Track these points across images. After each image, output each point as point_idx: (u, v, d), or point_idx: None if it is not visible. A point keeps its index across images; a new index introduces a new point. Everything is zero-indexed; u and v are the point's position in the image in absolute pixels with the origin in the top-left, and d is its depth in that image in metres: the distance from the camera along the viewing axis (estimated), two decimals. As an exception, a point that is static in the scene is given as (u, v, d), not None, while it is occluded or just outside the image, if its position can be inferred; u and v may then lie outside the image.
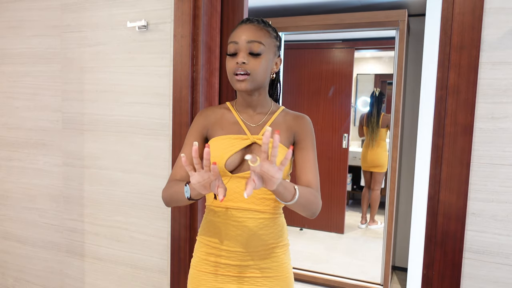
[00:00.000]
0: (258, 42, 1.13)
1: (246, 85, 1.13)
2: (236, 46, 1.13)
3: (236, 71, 1.12)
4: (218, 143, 1.16)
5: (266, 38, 1.15)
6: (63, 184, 1.91)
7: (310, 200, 1.10)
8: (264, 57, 1.14)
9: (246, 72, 1.12)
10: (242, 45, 1.13)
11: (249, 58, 1.12)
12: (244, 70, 1.11)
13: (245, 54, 1.12)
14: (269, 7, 3.12)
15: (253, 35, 1.13)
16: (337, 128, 3.96)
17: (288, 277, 1.22)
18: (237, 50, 1.13)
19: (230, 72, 1.15)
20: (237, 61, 1.12)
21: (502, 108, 1.25)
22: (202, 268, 1.21)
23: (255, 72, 1.12)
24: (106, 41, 1.75)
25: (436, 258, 1.34)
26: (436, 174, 1.33)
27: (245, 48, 1.12)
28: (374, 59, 5.04)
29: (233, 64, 1.13)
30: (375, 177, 4.13)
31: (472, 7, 1.25)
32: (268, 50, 1.15)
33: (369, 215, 4.36)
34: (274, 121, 1.21)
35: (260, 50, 1.13)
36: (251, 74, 1.12)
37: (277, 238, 1.20)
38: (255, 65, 1.12)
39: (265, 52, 1.14)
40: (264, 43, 1.14)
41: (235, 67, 1.12)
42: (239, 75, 1.12)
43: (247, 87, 1.13)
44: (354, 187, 4.97)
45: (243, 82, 1.12)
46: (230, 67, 1.14)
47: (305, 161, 1.19)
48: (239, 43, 1.13)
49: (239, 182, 1.14)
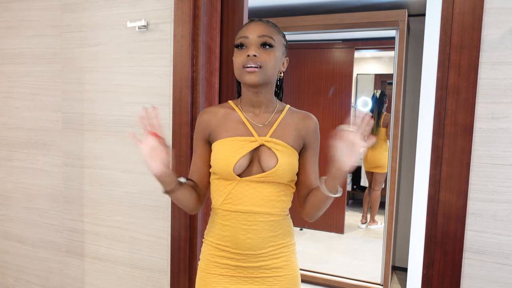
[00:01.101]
0: (269, 36, 1.12)
1: (257, 78, 1.10)
2: (247, 41, 1.12)
3: (246, 64, 1.10)
4: (225, 146, 1.14)
5: (276, 34, 1.15)
6: (63, 184, 1.91)
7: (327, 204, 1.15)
8: (275, 51, 1.13)
9: (257, 65, 1.10)
10: (253, 39, 1.11)
11: (260, 51, 1.11)
12: (255, 62, 1.09)
13: (256, 47, 1.11)
14: (269, 7, 3.12)
15: (264, 30, 1.12)
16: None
17: (296, 276, 1.23)
18: (247, 44, 1.12)
19: (239, 66, 1.12)
20: (248, 54, 1.09)
21: (502, 108, 1.25)
22: (211, 271, 1.20)
23: (266, 65, 1.11)
24: (106, 41, 1.75)
25: (436, 258, 1.34)
26: (436, 174, 1.33)
27: (256, 42, 1.11)
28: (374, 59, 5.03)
29: (243, 57, 1.11)
30: (375, 177, 4.13)
31: (472, 7, 1.25)
32: (278, 46, 1.15)
33: (369, 215, 4.36)
34: (281, 120, 1.19)
35: (272, 42, 1.12)
36: (263, 67, 1.10)
37: (285, 238, 1.20)
38: (267, 58, 1.11)
39: (276, 47, 1.14)
40: (274, 39, 1.13)
41: (246, 60, 1.10)
42: (249, 68, 1.10)
43: (258, 80, 1.11)
44: (354, 187, 4.97)
45: (253, 74, 1.10)
46: (240, 60, 1.12)
47: (310, 163, 1.20)
48: (249, 37, 1.12)
49: (248, 185, 1.14)
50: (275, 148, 1.14)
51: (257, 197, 1.14)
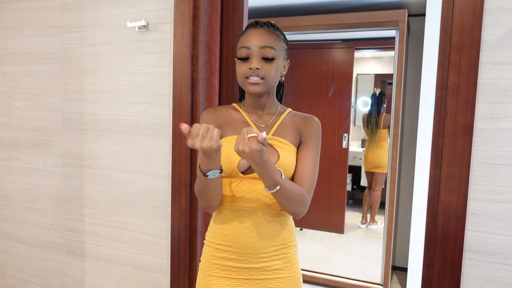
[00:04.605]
0: (270, 47, 1.14)
1: (260, 89, 1.15)
2: (248, 51, 1.14)
3: (249, 76, 1.14)
4: (230, 143, 1.16)
5: (277, 42, 1.16)
6: (63, 184, 1.91)
7: (291, 197, 1.09)
8: (276, 61, 1.15)
9: (259, 77, 1.13)
10: (254, 50, 1.13)
11: (262, 63, 1.13)
12: (257, 75, 1.13)
13: (258, 59, 1.13)
14: (269, 7, 3.12)
15: (265, 41, 1.14)
16: (337, 128, 3.96)
17: (298, 277, 1.23)
18: (249, 55, 1.14)
19: (241, 76, 1.16)
20: (251, 67, 1.12)
21: (502, 108, 1.25)
22: (212, 273, 1.20)
23: (268, 77, 1.14)
24: (106, 41, 1.75)
25: (436, 258, 1.34)
26: (436, 174, 1.33)
27: (257, 53, 1.13)
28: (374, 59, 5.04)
29: (245, 68, 1.14)
30: (376, 177, 4.13)
31: (472, 7, 1.25)
32: (279, 54, 1.16)
33: (369, 215, 4.36)
34: (282, 122, 1.22)
35: (273, 55, 1.14)
36: (265, 78, 1.14)
37: (287, 239, 1.20)
38: (268, 70, 1.14)
39: (277, 57, 1.15)
40: (275, 48, 1.15)
41: (248, 72, 1.14)
42: (251, 79, 1.13)
43: (260, 91, 1.15)
44: (354, 187, 4.97)
45: (256, 85, 1.14)
46: (242, 71, 1.15)
47: (304, 161, 1.19)
48: (251, 48, 1.14)
49: (251, 183, 1.15)
50: (276, 145, 1.17)
51: (259, 195, 1.15)
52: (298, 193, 1.12)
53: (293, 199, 1.10)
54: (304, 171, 1.17)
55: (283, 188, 1.06)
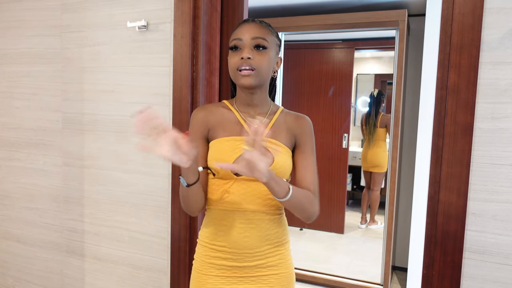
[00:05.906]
0: (262, 38, 1.13)
1: (251, 81, 1.12)
2: (240, 43, 1.13)
3: (240, 66, 1.11)
4: (222, 145, 1.15)
5: (269, 35, 1.15)
6: (63, 184, 1.91)
7: (302, 203, 1.11)
8: (269, 52, 1.14)
9: (251, 67, 1.11)
10: (246, 41, 1.12)
11: (254, 54, 1.12)
12: (249, 65, 1.11)
13: (250, 49, 1.12)
14: (269, 7, 3.12)
15: (257, 32, 1.13)
16: (337, 128, 3.96)
17: (292, 274, 1.23)
18: (241, 46, 1.13)
19: (233, 68, 1.13)
20: (242, 56, 1.10)
21: (502, 108, 1.25)
22: (207, 272, 1.19)
23: (260, 67, 1.12)
24: (106, 41, 1.75)
25: (436, 258, 1.34)
26: (436, 174, 1.33)
27: (249, 44, 1.12)
28: (374, 59, 5.04)
29: (237, 59, 1.12)
30: (374, 177, 4.13)
31: (472, 7, 1.25)
32: (271, 47, 1.15)
33: (369, 215, 4.36)
34: (275, 122, 1.20)
35: (265, 44, 1.13)
36: (257, 69, 1.11)
37: (281, 237, 1.20)
38: (260, 60, 1.12)
39: (269, 48, 1.14)
40: (267, 40, 1.14)
41: (240, 63, 1.11)
42: (243, 71, 1.11)
43: (252, 83, 1.12)
44: (354, 187, 4.97)
45: (248, 77, 1.11)
46: (234, 63, 1.13)
47: (304, 165, 1.19)
48: (243, 39, 1.12)
49: (245, 184, 1.14)
50: (270, 147, 1.15)
51: (253, 196, 1.15)
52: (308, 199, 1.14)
53: (305, 204, 1.12)
54: (307, 175, 1.18)
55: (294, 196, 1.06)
